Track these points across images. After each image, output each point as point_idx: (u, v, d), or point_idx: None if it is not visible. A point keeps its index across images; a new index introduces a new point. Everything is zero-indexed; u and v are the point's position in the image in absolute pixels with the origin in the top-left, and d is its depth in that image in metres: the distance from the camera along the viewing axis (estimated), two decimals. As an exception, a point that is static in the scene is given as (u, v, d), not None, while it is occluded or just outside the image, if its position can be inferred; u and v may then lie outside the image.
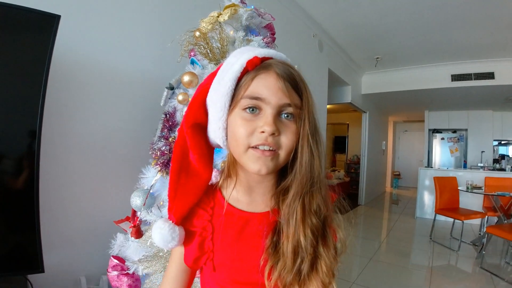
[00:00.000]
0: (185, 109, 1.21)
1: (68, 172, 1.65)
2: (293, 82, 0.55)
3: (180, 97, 1.30)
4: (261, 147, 0.53)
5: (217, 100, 0.56)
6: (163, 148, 1.15)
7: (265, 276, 0.55)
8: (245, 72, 0.56)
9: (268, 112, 0.53)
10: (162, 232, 0.59)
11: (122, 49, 1.88)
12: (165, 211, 1.21)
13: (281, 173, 0.61)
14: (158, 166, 1.13)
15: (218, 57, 1.35)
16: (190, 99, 1.32)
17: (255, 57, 0.55)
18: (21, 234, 1.22)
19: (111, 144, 1.83)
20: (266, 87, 0.53)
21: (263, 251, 0.58)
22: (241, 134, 0.54)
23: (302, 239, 0.54)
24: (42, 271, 1.22)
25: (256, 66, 0.55)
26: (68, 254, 1.65)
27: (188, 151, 0.60)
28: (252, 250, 0.59)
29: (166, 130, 1.24)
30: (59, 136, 1.60)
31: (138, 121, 1.94)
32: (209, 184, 0.66)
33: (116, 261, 1.23)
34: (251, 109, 0.54)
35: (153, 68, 2.03)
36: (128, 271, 1.21)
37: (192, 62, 1.42)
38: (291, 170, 0.58)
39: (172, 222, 0.60)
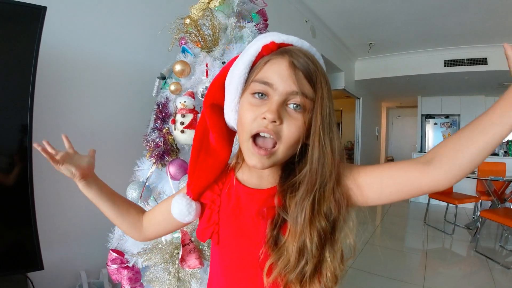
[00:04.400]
0: (178, 99, 1.20)
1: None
2: (307, 72, 0.52)
3: (172, 87, 1.27)
4: (262, 134, 0.52)
5: (231, 82, 0.57)
6: (157, 139, 1.13)
7: (264, 271, 0.54)
8: (261, 56, 0.55)
9: (274, 99, 0.51)
10: (179, 206, 0.62)
11: (111, 38, 1.83)
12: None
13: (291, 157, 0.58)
14: (152, 158, 1.11)
15: (210, 45, 1.32)
16: (182, 88, 1.31)
17: (272, 42, 0.55)
18: (18, 231, 1.21)
19: (103, 136, 1.81)
20: (276, 72, 0.52)
21: (263, 232, 0.56)
22: (246, 119, 0.53)
23: (307, 241, 0.52)
24: (42, 268, 1.21)
25: (271, 51, 0.55)
26: (67, 250, 1.65)
27: (209, 130, 0.62)
28: (253, 227, 0.59)
29: (159, 121, 1.21)
30: (51, 129, 1.56)
31: (130, 112, 1.91)
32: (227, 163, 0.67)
33: (115, 254, 1.22)
34: (260, 94, 0.53)
35: (144, 58, 1.99)
36: (128, 264, 1.21)
37: (184, 51, 1.39)
38: (300, 165, 0.56)
39: (190, 197, 0.63)
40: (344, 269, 0.56)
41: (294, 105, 0.52)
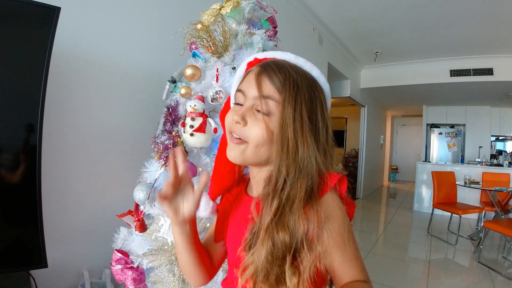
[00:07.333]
0: (188, 102, 1.21)
1: (70, 166, 1.64)
2: (270, 78, 0.54)
3: (183, 91, 1.29)
4: (233, 134, 0.57)
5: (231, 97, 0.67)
6: (167, 142, 1.14)
7: (239, 272, 0.53)
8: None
9: (245, 104, 0.57)
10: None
11: (123, 42, 1.86)
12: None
13: None
14: (162, 160, 1.13)
15: (220, 50, 1.34)
16: (192, 92, 1.32)
17: (255, 59, 0.62)
18: (24, 229, 1.21)
19: (112, 137, 1.83)
20: (247, 81, 0.58)
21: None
22: (226, 121, 0.61)
23: (263, 251, 0.50)
24: (46, 266, 1.21)
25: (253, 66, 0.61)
26: (71, 248, 1.65)
27: None
28: (242, 231, 0.58)
29: (169, 123, 1.22)
30: (61, 130, 1.59)
31: (139, 114, 1.93)
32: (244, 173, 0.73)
33: (119, 254, 1.23)
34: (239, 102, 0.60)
35: (155, 61, 2.01)
36: (133, 265, 1.21)
37: (194, 55, 1.41)
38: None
39: (209, 196, 0.70)
40: None
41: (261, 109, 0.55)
